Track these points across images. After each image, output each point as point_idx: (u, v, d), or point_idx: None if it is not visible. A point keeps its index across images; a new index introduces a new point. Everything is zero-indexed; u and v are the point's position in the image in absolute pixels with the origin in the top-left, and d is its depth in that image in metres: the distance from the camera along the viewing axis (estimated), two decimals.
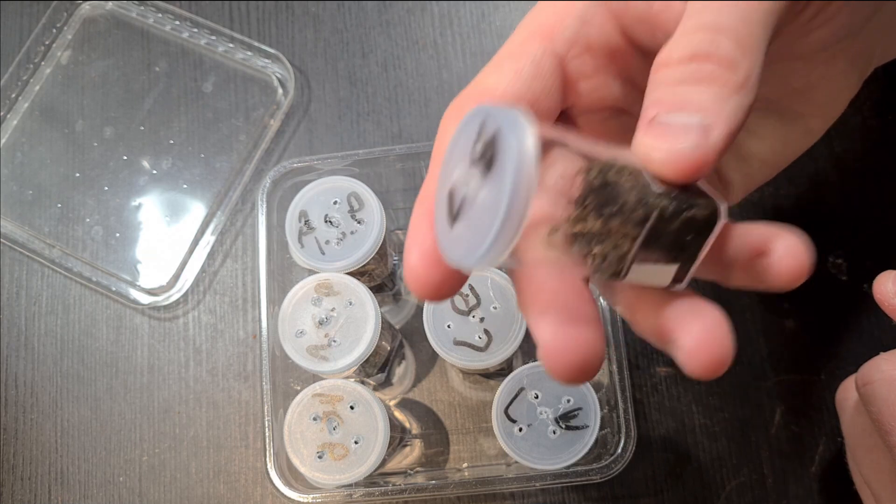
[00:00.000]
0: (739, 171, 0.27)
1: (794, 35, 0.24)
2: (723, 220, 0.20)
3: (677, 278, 0.20)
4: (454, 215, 0.19)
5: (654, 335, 0.21)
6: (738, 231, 0.21)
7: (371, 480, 0.39)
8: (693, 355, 0.20)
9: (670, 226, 0.19)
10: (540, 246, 0.20)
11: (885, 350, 0.30)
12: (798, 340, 0.42)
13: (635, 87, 0.25)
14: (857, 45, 0.26)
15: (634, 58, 0.24)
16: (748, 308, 0.43)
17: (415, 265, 0.21)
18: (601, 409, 0.35)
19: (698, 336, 0.20)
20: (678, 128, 0.19)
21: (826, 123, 0.28)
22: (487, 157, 0.18)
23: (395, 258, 0.45)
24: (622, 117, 0.25)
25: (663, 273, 0.20)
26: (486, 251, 0.18)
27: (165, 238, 0.47)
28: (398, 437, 0.40)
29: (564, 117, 0.25)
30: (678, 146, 0.19)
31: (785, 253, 0.20)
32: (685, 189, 0.20)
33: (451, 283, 0.21)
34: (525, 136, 0.17)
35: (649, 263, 0.20)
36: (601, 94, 0.25)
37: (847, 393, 0.33)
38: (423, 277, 0.21)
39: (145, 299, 0.45)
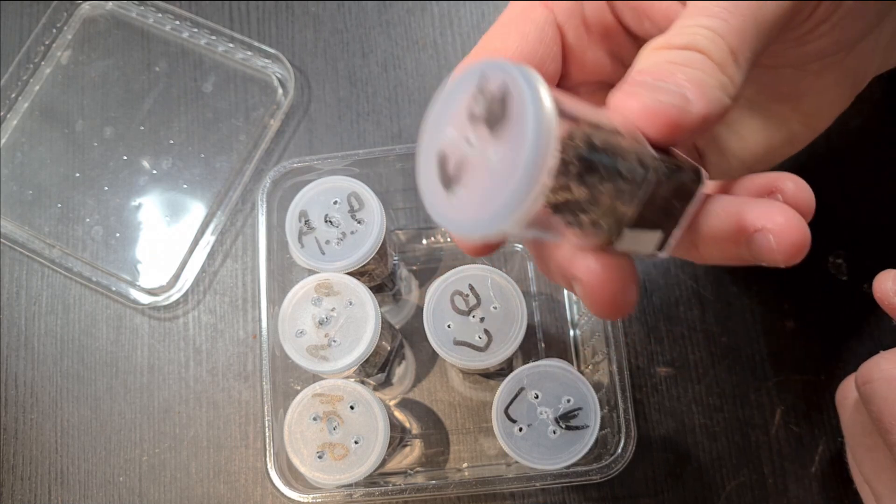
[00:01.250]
0: (717, 167, 0.27)
1: (789, 45, 0.24)
2: (704, 185, 0.21)
3: (660, 246, 0.21)
4: (449, 179, 0.18)
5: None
6: (744, 181, 0.22)
7: (371, 480, 0.39)
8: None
9: (663, 188, 0.19)
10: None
11: (884, 349, 0.30)
12: (798, 340, 0.42)
13: (623, 65, 0.26)
14: (850, 61, 0.26)
15: (623, 38, 0.25)
16: (748, 308, 0.43)
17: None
18: (601, 409, 0.35)
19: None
20: (661, 88, 0.20)
21: (810, 134, 0.28)
22: (494, 115, 0.17)
23: (395, 258, 0.45)
24: (608, 91, 0.26)
25: (649, 239, 0.20)
26: (503, 215, 0.16)
27: (165, 238, 0.47)
28: (398, 437, 0.40)
29: (557, 87, 0.25)
30: (661, 98, 0.19)
31: (796, 188, 0.21)
32: (668, 155, 0.20)
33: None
34: (543, 91, 0.16)
35: (639, 230, 0.19)
36: (593, 67, 0.26)
37: (847, 392, 0.33)
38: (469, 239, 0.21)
39: (145, 299, 0.45)
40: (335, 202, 0.38)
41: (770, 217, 0.20)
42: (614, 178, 0.18)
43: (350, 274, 0.37)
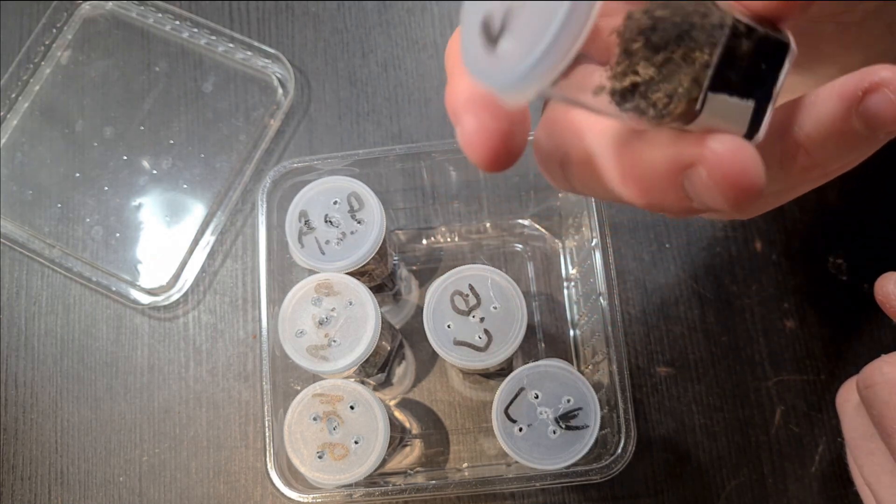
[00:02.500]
0: None
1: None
2: (794, 48, 0.18)
3: (754, 124, 0.18)
4: (495, 37, 0.16)
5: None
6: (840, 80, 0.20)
7: (371, 480, 0.39)
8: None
9: (744, 44, 0.17)
10: (591, 98, 0.17)
11: (885, 351, 0.30)
12: (798, 340, 0.42)
13: None
14: (891, 10, 0.26)
15: None
16: (748, 308, 0.43)
17: (470, 129, 0.20)
18: (601, 409, 0.35)
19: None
20: None
21: None
22: None
23: (395, 258, 0.45)
24: None
25: (740, 111, 0.18)
26: (550, 46, 0.14)
27: (165, 238, 0.47)
28: (398, 437, 0.40)
29: None
30: None
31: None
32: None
33: (514, 141, 0.20)
34: None
35: (726, 94, 0.17)
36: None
37: (848, 395, 0.33)
38: (482, 139, 0.19)
39: (145, 299, 0.45)
40: (335, 202, 0.38)
41: (878, 71, 0.18)
42: (677, 43, 0.16)
43: (350, 274, 0.37)
